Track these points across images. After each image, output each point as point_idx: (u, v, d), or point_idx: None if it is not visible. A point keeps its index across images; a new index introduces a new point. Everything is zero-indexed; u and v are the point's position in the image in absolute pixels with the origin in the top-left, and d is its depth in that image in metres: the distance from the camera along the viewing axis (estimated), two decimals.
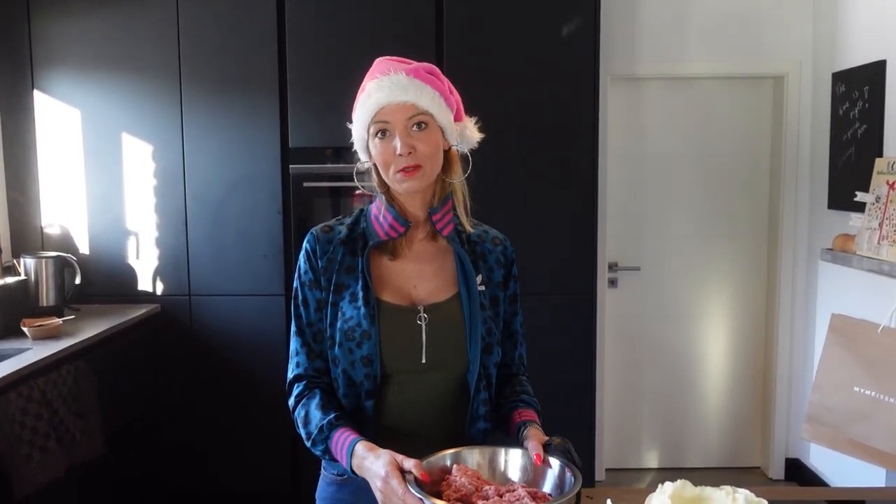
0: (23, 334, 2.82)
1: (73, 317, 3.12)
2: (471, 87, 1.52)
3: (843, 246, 3.08)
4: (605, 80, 3.65)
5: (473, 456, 1.35)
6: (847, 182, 3.35)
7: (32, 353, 2.60)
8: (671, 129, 3.96)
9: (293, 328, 1.52)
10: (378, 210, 1.51)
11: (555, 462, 1.30)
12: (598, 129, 3.37)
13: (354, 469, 1.34)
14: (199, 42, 3.31)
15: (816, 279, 3.79)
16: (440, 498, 1.22)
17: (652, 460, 4.14)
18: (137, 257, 3.41)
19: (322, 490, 1.55)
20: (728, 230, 4.01)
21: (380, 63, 1.48)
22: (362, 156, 1.51)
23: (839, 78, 3.48)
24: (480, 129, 1.57)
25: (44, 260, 3.16)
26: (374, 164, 1.48)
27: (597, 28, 3.30)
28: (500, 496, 1.23)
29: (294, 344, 1.52)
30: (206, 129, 3.35)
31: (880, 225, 2.81)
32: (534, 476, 1.32)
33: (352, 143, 1.50)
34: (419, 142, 1.41)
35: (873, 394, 2.60)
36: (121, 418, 3.07)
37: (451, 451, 1.35)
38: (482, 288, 1.50)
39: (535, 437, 1.37)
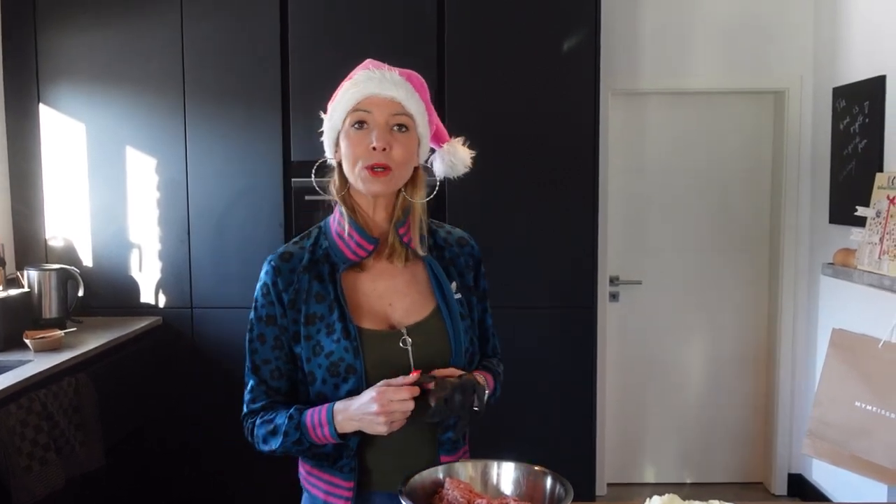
0: (25, 346, 2.83)
1: (75, 329, 3.13)
2: (472, 101, 1.51)
3: (844, 260, 3.08)
4: (605, 94, 3.66)
5: (466, 469, 1.35)
6: (848, 197, 3.35)
7: (33, 364, 2.61)
8: (672, 144, 3.97)
9: (248, 365, 1.43)
10: (341, 227, 1.42)
11: (547, 477, 1.31)
12: (598, 143, 3.37)
13: (338, 425, 1.31)
14: (203, 57, 3.34)
15: (818, 294, 3.78)
16: None
17: (653, 475, 4.12)
18: (140, 270, 3.43)
19: None
20: (729, 244, 4.01)
21: (371, 61, 1.43)
22: (329, 151, 1.43)
23: (840, 93, 3.49)
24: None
25: (47, 272, 3.18)
26: (338, 164, 1.41)
27: (597, 43, 3.31)
28: None
29: (250, 381, 1.43)
30: (209, 143, 3.37)
31: (881, 240, 2.81)
32: (526, 489, 1.32)
33: None
34: (396, 143, 1.34)
35: (874, 409, 2.59)
36: (121, 430, 3.08)
37: (444, 464, 1.36)
38: (458, 295, 1.46)
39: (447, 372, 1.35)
